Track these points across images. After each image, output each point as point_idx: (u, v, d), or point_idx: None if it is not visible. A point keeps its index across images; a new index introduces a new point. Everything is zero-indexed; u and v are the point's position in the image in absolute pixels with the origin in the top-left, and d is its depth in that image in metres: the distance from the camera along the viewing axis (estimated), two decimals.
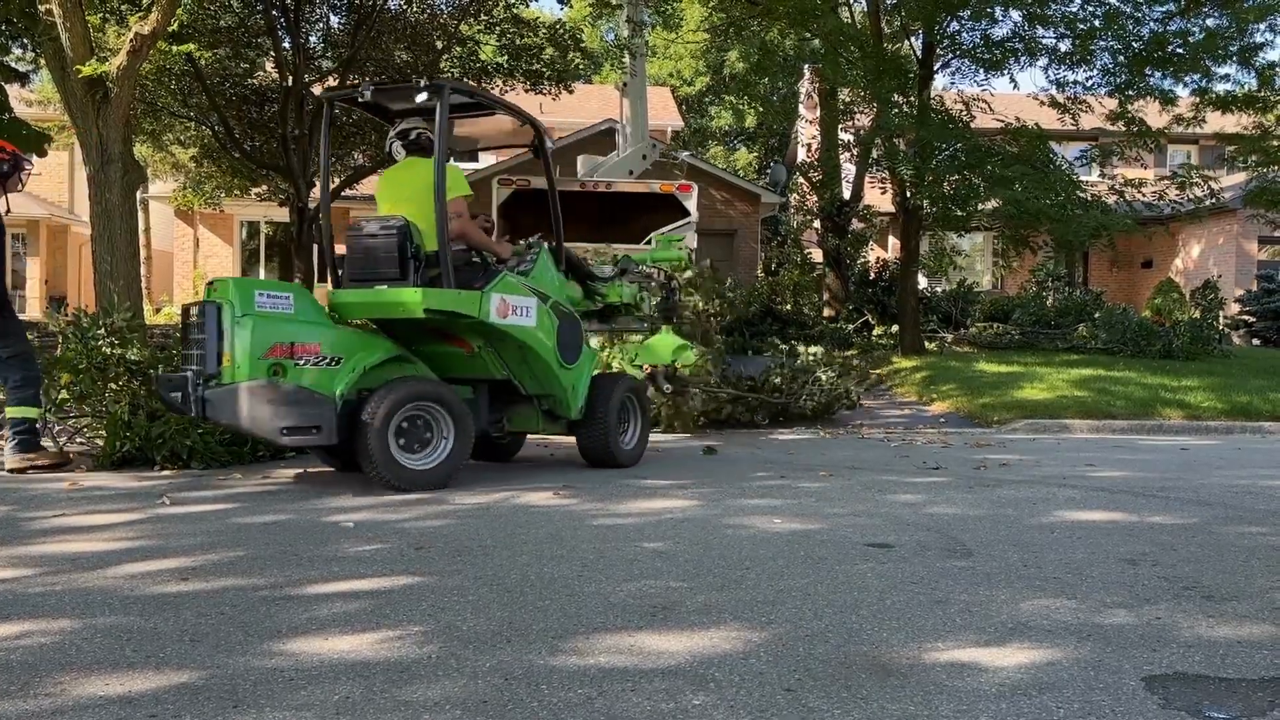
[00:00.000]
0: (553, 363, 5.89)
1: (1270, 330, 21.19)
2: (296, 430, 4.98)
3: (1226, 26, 14.68)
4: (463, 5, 16.72)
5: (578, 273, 6.72)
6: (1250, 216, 20.54)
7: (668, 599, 3.20)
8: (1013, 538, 4.24)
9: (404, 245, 5.34)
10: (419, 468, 5.30)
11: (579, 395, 6.13)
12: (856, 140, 18.29)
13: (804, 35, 17.10)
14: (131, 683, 2.43)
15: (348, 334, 5.40)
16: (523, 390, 6.04)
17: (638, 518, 4.65)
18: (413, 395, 5.24)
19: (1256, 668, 2.60)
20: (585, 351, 6.23)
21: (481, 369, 5.93)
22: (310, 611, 3.03)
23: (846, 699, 2.35)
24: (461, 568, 3.60)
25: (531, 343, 5.76)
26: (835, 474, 6.19)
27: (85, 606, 3.07)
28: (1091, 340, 16.33)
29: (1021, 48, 15.23)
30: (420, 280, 5.34)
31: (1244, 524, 4.65)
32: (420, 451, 5.33)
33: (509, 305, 5.60)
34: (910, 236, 15.86)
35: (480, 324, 5.50)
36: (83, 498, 5.09)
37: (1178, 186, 16.05)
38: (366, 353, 5.35)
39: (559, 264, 6.24)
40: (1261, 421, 10.57)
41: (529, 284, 5.82)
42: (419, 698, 2.34)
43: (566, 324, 6.03)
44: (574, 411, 6.11)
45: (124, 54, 9.19)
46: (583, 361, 6.18)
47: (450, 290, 5.33)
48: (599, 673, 2.51)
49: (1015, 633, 2.88)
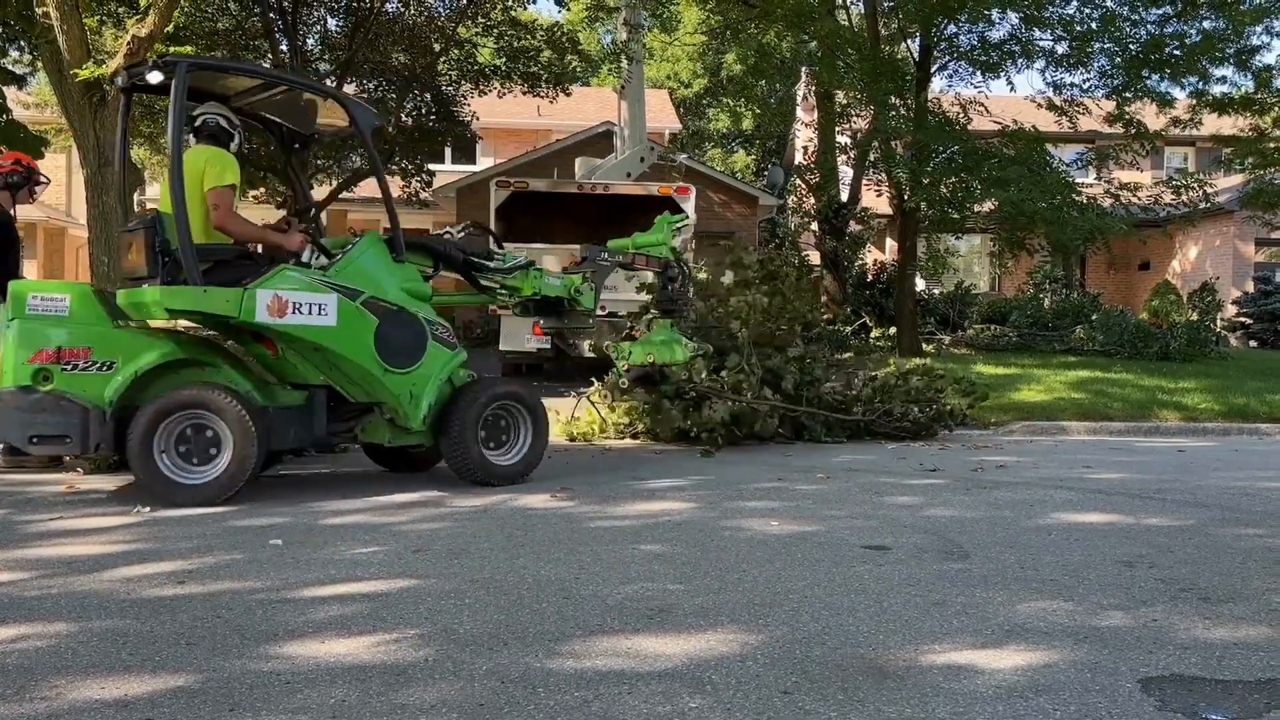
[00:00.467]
0: (370, 367, 5.25)
1: (1267, 332, 21.21)
2: (46, 439, 4.79)
3: (1223, 29, 14.71)
4: (460, 8, 16.73)
5: (450, 262, 5.97)
6: (1247, 218, 20.56)
7: (665, 601, 3.20)
8: (1010, 540, 4.24)
9: (151, 241, 4.96)
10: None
11: (421, 403, 5.43)
12: (854, 143, 18.31)
13: (801, 37, 17.12)
14: (127, 686, 2.42)
15: (128, 336, 5.03)
16: (349, 397, 5.49)
17: (635, 520, 4.65)
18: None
19: (1253, 669, 2.60)
20: (433, 353, 5.49)
21: (294, 372, 5.45)
22: (306, 615, 3.03)
23: (843, 701, 2.35)
24: (458, 570, 3.60)
25: (330, 344, 5.16)
26: (832, 476, 6.19)
27: (81, 610, 3.06)
28: (1089, 342, 16.35)
29: (1019, 50, 15.24)
30: (172, 278, 4.91)
31: (1241, 526, 4.65)
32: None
33: (287, 302, 5.01)
34: (907, 238, 15.88)
35: (255, 325, 5.02)
36: (79, 500, 5.08)
37: (1173, 191, 16.09)
38: (146, 356, 4.97)
39: (396, 254, 5.51)
40: (1258, 423, 10.58)
41: (328, 278, 5.18)
42: (415, 701, 2.34)
43: (392, 323, 5.32)
44: (416, 421, 5.44)
45: (121, 57, 9.18)
46: (426, 365, 5.46)
47: (191, 289, 4.82)
48: (596, 675, 2.51)
49: (1012, 635, 2.88)
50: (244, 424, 4.91)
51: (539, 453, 5.89)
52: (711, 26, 19.20)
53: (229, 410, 4.90)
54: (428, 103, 17.67)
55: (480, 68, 17.29)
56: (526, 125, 26.11)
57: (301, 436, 5.37)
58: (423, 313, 5.52)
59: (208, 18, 15.64)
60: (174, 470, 4.87)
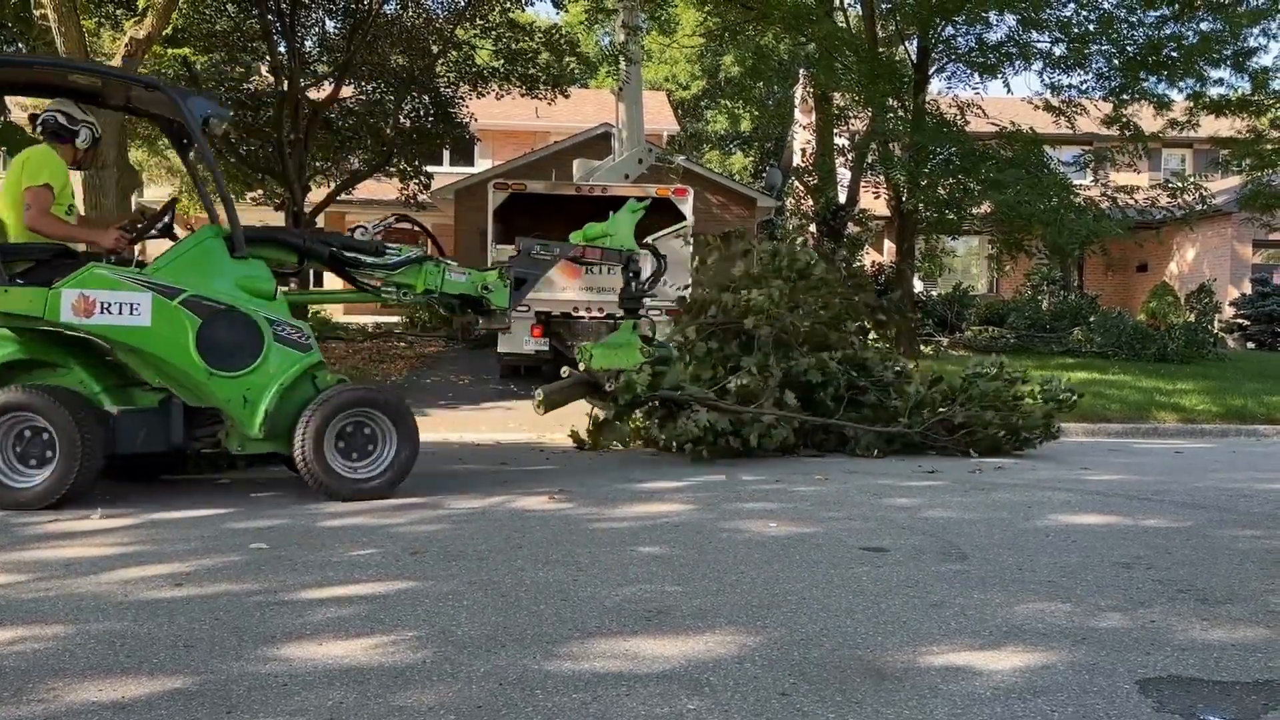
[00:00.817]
0: (192, 370, 4.98)
1: (1264, 334, 21.24)
2: None
3: (1220, 31, 14.74)
4: (458, 10, 16.74)
5: (314, 257, 5.61)
6: (1245, 220, 20.60)
7: (663, 603, 3.20)
8: (1008, 541, 4.24)
9: None
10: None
11: (258, 409, 5.09)
12: (852, 144, 18.33)
13: (799, 39, 17.14)
14: (125, 689, 2.42)
15: None
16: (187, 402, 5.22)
17: (633, 522, 4.65)
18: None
19: (1250, 670, 2.60)
20: (275, 356, 5.16)
21: (132, 375, 5.27)
22: (304, 617, 3.03)
23: (841, 703, 2.35)
24: (456, 572, 3.60)
25: (143, 345, 4.95)
26: (830, 478, 6.19)
27: (78, 612, 3.06)
28: (1087, 344, 16.37)
29: (1016, 52, 15.28)
30: None
31: (1238, 527, 4.66)
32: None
33: (95, 302, 4.85)
34: (905, 240, 15.90)
35: (62, 325, 4.89)
36: (76, 502, 5.07)
37: (1169, 194, 16.12)
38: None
39: (235, 250, 5.21)
40: (1256, 424, 10.60)
41: (143, 277, 4.97)
42: (413, 703, 2.33)
43: (219, 323, 5.03)
44: (252, 428, 5.11)
45: (119, 58, 9.19)
46: (264, 369, 5.12)
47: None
48: (594, 677, 2.51)
49: (1010, 636, 2.88)
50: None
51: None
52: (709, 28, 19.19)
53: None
54: (426, 105, 17.69)
55: (478, 70, 17.31)
56: (525, 127, 26.14)
57: (153, 440, 5.16)
58: (264, 311, 5.17)
59: (206, 19, 15.65)
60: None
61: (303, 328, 5.35)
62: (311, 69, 17.41)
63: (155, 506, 4.89)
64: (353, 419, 5.25)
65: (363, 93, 17.86)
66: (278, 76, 16.37)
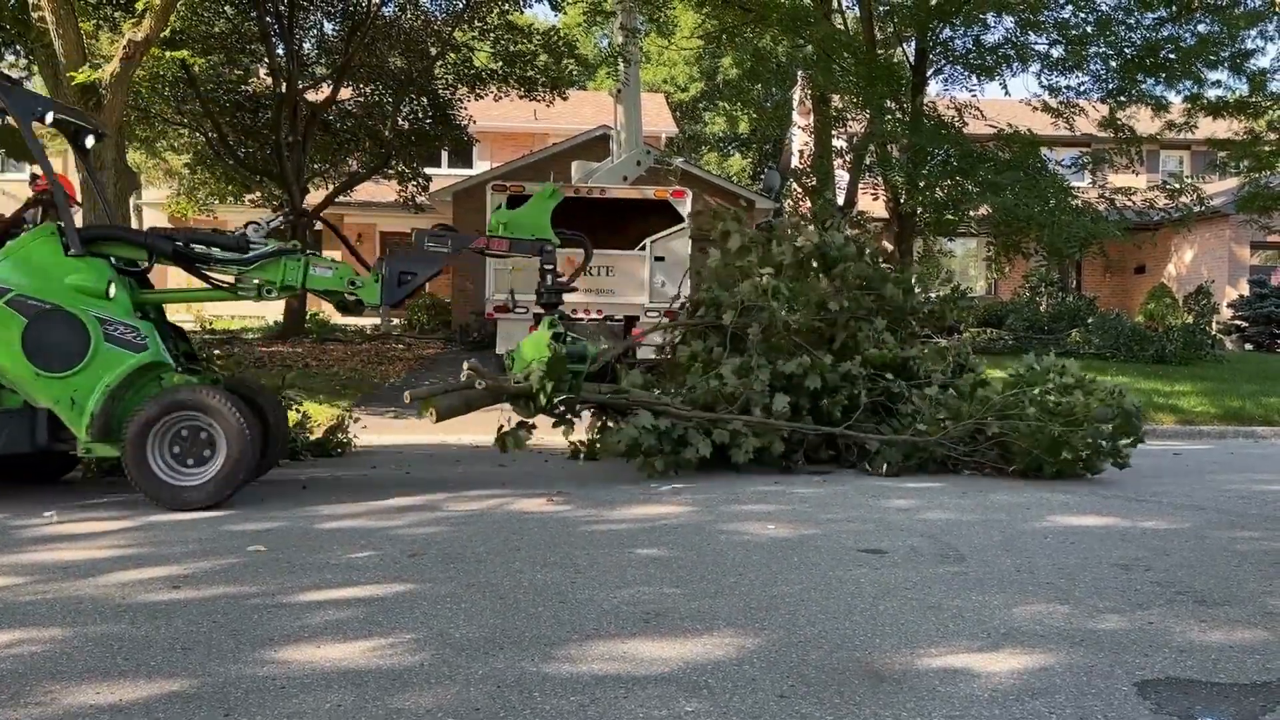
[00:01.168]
0: (20, 370, 4.93)
1: (1262, 335, 21.26)
2: None
3: (1218, 33, 14.78)
4: (457, 12, 16.75)
5: (159, 253, 5.45)
6: (1242, 222, 20.62)
7: (661, 605, 3.20)
8: (1005, 543, 4.24)
9: None
10: None
11: (84, 410, 4.98)
12: (850, 146, 18.36)
13: (797, 42, 17.16)
14: (122, 691, 2.41)
15: None
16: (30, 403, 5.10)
17: (631, 524, 4.65)
18: None
19: (1249, 672, 2.60)
20: (103, 357, 5.02)
21: None
22: (302, 619, 3.02)
23: (839, 705, 2.35)
24: (454, 575, 3.60)
25: None
26: (829, 479, 6.18)
27: (76, 615, 3.05)
28: (1085, 345, 16.36)
29: (1014, 54, 15.31)
30: None
31: (1237, 528, 4.66)
32: None
33: None
34: (903, 241, 15.91)
35: None
36: (74, 505, 5.07)
37: (1167, 195, 16.15)
38: None
39: (74, 246, 5.11)
40: (1254, 426, 10.61)
41: None
42: (411, 705, 2.33)
43: (45, 322, 4.95)
44: (80, 431, 5.00)
45: (117, 60, 9.19)
46: (91, 369, 5.00)
47: None
48: (592, 680, 2.51)
49: (1008, 638, 2.88)
50: None
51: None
52: (708, 30, 19.22)
53: None
54: (424, 106, 17.70)
55: (477, 72, 17.32)
56: (523, 129, 26.14)
57: (17, 442, 5.07)
58: (94, 311, 5.05)
59: (204, 21, 15.64)
60: None
61: (140, 327, 5.15)
62: (310, 71, 17.42)
63: (152, 508, 4.88)
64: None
65: (361, 95, 17.86)
66: (276, 79, 16.38)
